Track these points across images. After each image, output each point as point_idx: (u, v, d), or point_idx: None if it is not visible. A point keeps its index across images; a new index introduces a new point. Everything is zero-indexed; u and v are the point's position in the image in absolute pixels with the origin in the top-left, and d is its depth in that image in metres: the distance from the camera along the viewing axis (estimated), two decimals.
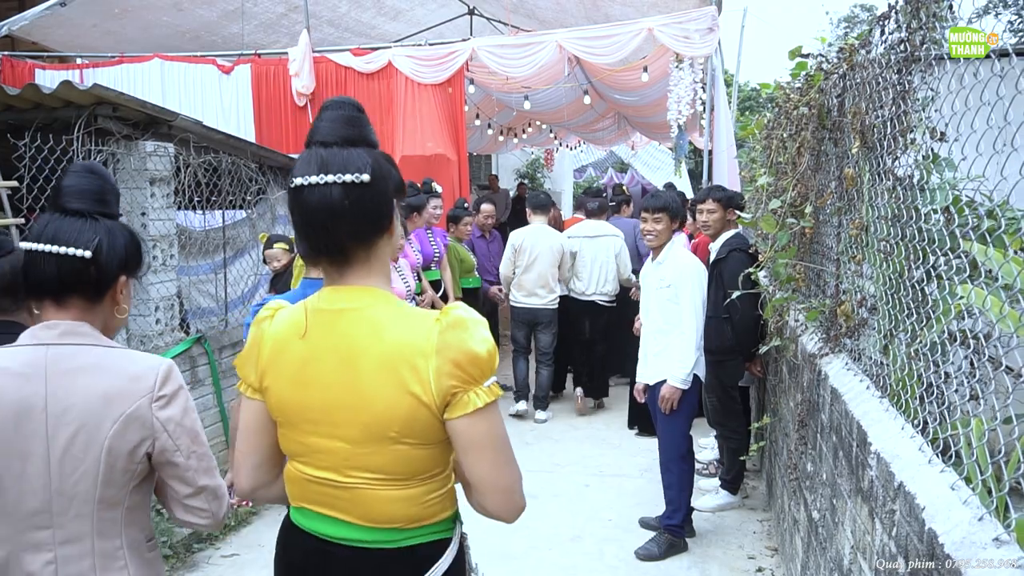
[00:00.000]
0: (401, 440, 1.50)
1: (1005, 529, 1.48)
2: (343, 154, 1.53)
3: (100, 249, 1.70)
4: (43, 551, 1.62)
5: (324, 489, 1.57)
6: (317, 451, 1.56)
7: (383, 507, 1.54)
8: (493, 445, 1.53)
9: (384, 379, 1.49)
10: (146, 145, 4.61)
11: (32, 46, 9.37)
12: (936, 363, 2.01)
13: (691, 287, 4.15)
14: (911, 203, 2.22)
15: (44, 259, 1.66)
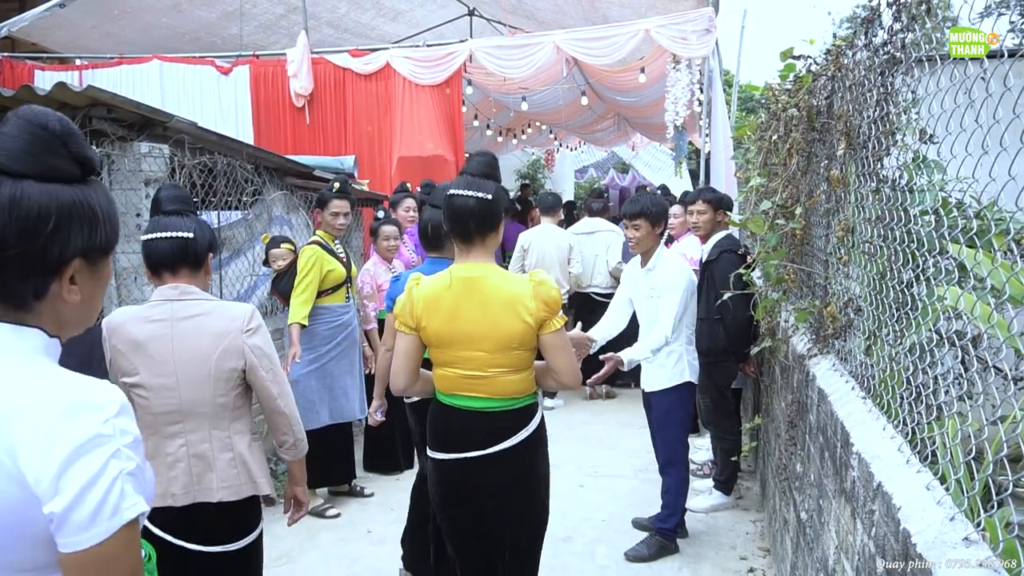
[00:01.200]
0: (517, 348, 2.60)
1: (975, 529, 1.49)
2: (480, 182, 2.61)
3: (196, 232, 2.58)
4: (177, 439, 2.53)
5: (469, 381, 2.64)
6: (465, 360, 2.62)
7: (506, 387, 2.64)
8: (565, 347, 2.68)
9: (507, 314, 2.57)
10: (141, 146, 4.62)
11: (32, 47, 9.41)
12: (916, 364, 2.02)
13: (674, 296, 4.04)
14: (893, 204, 2.23)
15: (161, 243, 2.54)
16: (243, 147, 5.59)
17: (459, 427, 2.67)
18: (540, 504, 2.86)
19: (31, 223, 1.14)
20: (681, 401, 4.19)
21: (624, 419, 6.62)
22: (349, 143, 8.54)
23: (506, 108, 11.84)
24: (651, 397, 4.28)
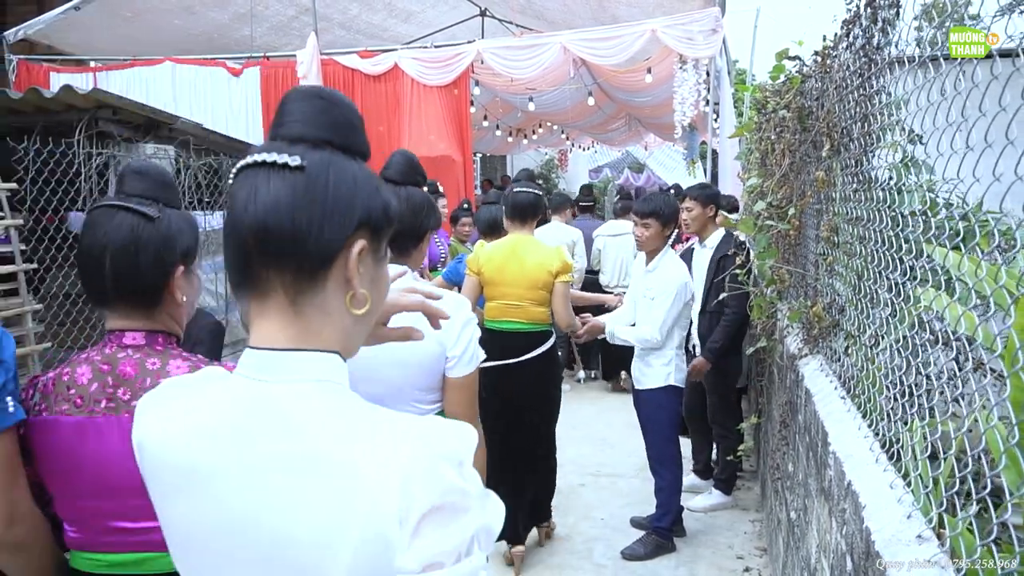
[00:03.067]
0: (542, 289, 3.99)
1: (927, 526, 1.51)
2: (533, 184, 4.23)
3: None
4: None
5: (509, 309, 4.03)
6: (508, 295, 4.02)
7: (534, 315, 4.03)
8: (564, 296, 4.05)
9: (538, 268, 3.97)
10: (147, 148, 4.71)
11: (48, 50, 9.54)
12: (887, 364, 2.04)
13: (665, 300, 4.06)
14: (870, 205, 2.24)
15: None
16: (248, 147, 5.65)
17: (500, 343, 3.93)
18: (552, 394, 4.25)
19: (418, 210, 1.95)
20: (666, 402, 4.21)
21: (627, 418, 6.60)
22: None
23: (515, 108, 11.88)
24: (639, 395, 4.31)
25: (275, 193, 0.95)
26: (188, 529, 0.99)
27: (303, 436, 0.92)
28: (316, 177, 0.97)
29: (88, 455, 1.50)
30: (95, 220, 1.56)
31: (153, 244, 1.55)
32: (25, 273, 3.94)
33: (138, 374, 1.54)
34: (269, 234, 0.94)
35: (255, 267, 0.96)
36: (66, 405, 1.52)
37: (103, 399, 1.52)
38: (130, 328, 1.58)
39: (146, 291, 1.57)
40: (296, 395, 0.94)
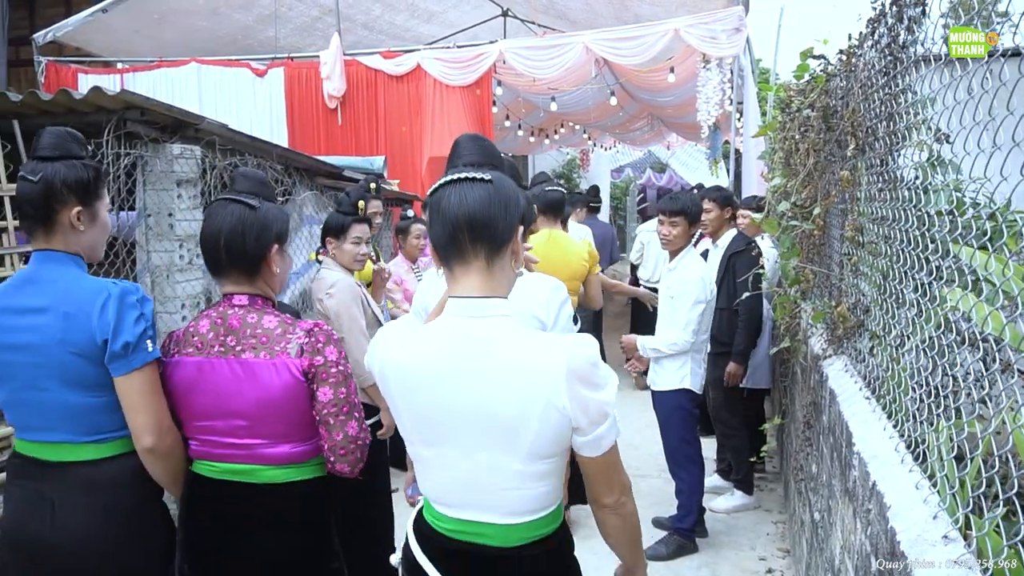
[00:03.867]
0: (579, 279, 4.26)
1: (954, 527, 1.50)
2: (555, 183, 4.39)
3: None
4: None
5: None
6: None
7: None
8: (596, 283, 4.45)
9: (577, 259, 4.29)
10: (173, 148, 4.75)
11: (76, 51, 9.68)
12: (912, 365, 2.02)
13: (689, 301, 4.06)
14: (895, 204, 2.23)
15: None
16: (273, 148, 5.71)
17: None
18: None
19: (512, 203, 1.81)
20: (680, 405, 4.20)
21: (649, 418, 6.56)
22: (380, 144, 8.66)
23: (537, 108, 11.88)
24: (655, 396, 4.32)
25: (477, 196, 1.54)
26: (428, 411, 1.59)
27: (499, 350, 1.54)
28: (497, 187, 1.57)
29: (205, 386, 2.02)
30: (214, 210, 2.08)
31: (255, 227, 2.05)
32: None
33: (241, 326, 2.04)
34: (476, 222, 1.53)
35: (464, 243, 1.55)
36: (191, 349, 2.05)
37: (216, 344, 2.03)
38: (237, 292, 2.09)
39: (250, 263, 2.07)
40: (492, 326, 1.56)
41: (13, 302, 1.99)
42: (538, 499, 1.61)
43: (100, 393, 1.98)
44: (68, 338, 1.93)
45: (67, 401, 1.96)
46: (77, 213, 2.04)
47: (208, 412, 2.02)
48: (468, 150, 1.90)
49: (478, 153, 1.88)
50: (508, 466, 1.56)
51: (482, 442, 1.56)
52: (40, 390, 1.97)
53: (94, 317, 1.93)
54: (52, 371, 1.95)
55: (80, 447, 1.99)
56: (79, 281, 2.01)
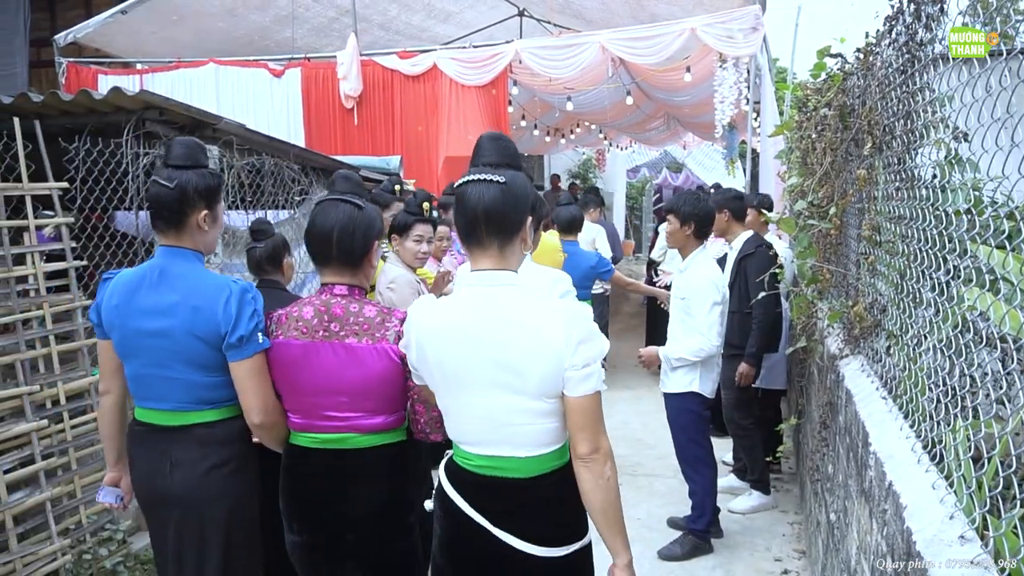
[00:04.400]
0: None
1: (970, 527, 1.49)
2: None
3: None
4: None
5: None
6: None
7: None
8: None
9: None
10: None
11: (96, 52, 9.78)
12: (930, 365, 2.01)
13: (705, 304, 4.01)
14: (912, 203, 2.21)
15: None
16: (290, 148, 5.74)
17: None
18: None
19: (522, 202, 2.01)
20: (689, 407, 4.18)
21: (664, 419, 6.59)
22: (396, 143, 8.69)
23: (553, 108, 11.89)
24: (665, 399, 4.31)
25: (492, 195, 1.90)
26: (455, 363, 1.95)
27: (511, 311, 1.91)
28: (510, 186, 1.91)
29: (308, 366, 2.27)
30: (325, 208, 2.30)
31: (362, 225, 2.31)
32: (75, 270, 4.05)
33: (344, 314, 2.28)
34: (491, 217, 1.90)
35: (481, 233, 1.93)
36: (295, 332, 2.29)
37: (320, 329, 2.27)
38: (339, 282, 2.32)
39: (355, 257, 2.32)
40: (505, 293, 1.93)
41: (149, 293, 2.33)
42: (547, 434, 1.96)
43: (217, 373, 2.34)
44: (195, 328, 2.27)
45: (189, 379, 2.33)
46: (204, 216, 2.37)
47: (313, 390, 2.28)
48: (488, 150, 2.03)
49: (497, 153, 2.02)
50: (521, 405, 1.91)
51: (499, 386, 1.91)
52: (165, 368, 2.33)
53: (219, 311, 2.26)
54: (179, 354, 2.31)
55: (197, 412, 2.36)
56: (205, 277, 2.34)
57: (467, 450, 2.01)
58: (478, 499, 1.97)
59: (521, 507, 1.96)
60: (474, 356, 1.92)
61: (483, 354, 1.91)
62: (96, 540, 3.83)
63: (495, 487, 1.96)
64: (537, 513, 1.97)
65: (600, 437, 1.92)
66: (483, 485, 1.97)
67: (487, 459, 1.97)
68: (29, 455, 3.57)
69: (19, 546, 3.43)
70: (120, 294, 2.36)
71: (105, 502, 2.66)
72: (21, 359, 3.65)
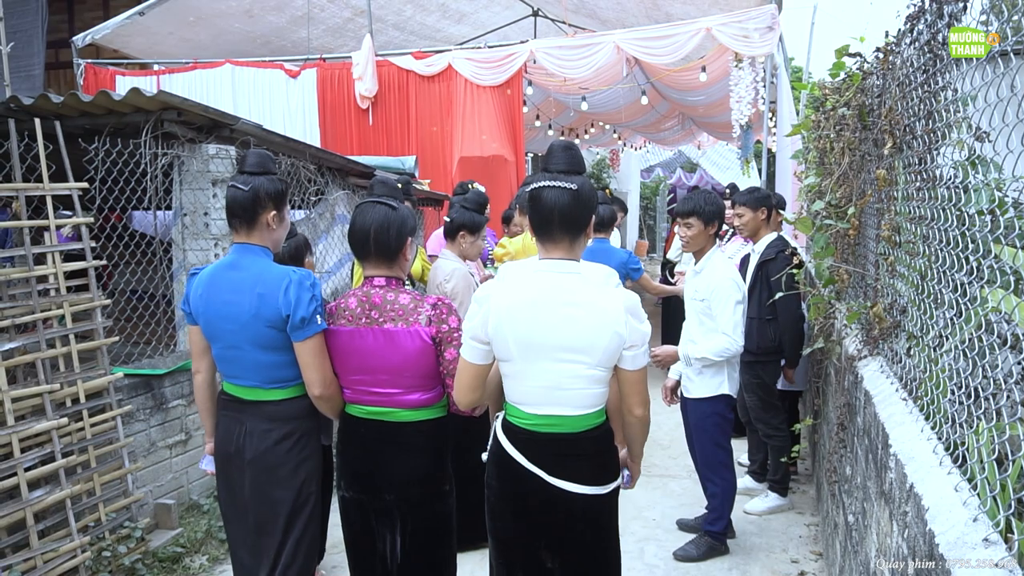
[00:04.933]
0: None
1: (994, 529, 1.48)
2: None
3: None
4: None
5: None
6: None
7: None
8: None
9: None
10: (209, 148, 4.83)
11: (113, 54, 9.85)
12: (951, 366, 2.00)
13: (727, 303, 3.96)
14: (934, 204, 2.20)
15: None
16: (306, 148, 5.76)
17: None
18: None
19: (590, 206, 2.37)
20: (717, 411, 4.12)
21: (679, 419, 6.55)
22: (411, 143, 8.70)
23: (567, 108, 11.88)
24: (689, 404, 4.24)
25: (566, 200, 2.26)
26: (527, 335, 2.28)
27: (575, 293, 2.28)
28: (580, 191, 2.29)
29: (355, 349, 2.62)
30: (364, 209, 2.65)
31: (396, 224, 2.63)
32: (94, 269, 4.08)
33: (382, 303, 2.60)
34: (564, 218, 2.27)
35: (554, 230, 2.29)
36: (343, 320, 2.63)
37: (363, 317, 2.61)
38: (378, 275, 2.65)
39: (390, 252, 2.64)
40: (571, 279, 2.30)
41: (224, 284, 2.68)
42: (595, 397, 2.36)
43: (282, 353, 2.65)
44: (260, 312, 2.60)
45: (258, 359, 2.67)
46: (273, 216, 2.72)
47: (359, 368, 2.63)
48: (560, 159, 2.36)
49: (567, 162, 2.35)
50: (580, 372, 2.29)
51: (565, 356, 2.28)
52: (239, 349, 2.67)
53: (279, 297, 2.58)
54: (248, 336, 2.64)
55: (266, 391, 2.72)
56: (269, 269, 2.66)
57: (524, 411, 2.37)
58: (533, 452, 2.35)
59: (569, 457, 2.35)
60: (545, 331, 2.27)
61: (552, 330, 2.27)
62: (115, 538, 3.86)
63: (548, 441, 2.35)
64: (583, 461, 2.37)
65: (647, 396, 2.41)
66: (537, 440, 2.35)
67: (543, 418, 2.35)
68: (49, 453, 3.60)
69: (40, 543, 3.47)
70: (203, 285, 2.73)
71: (208, 470, 3.00)
72: (42, 358, 3.68)
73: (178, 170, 4.82)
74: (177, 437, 4.50)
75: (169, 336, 5.08)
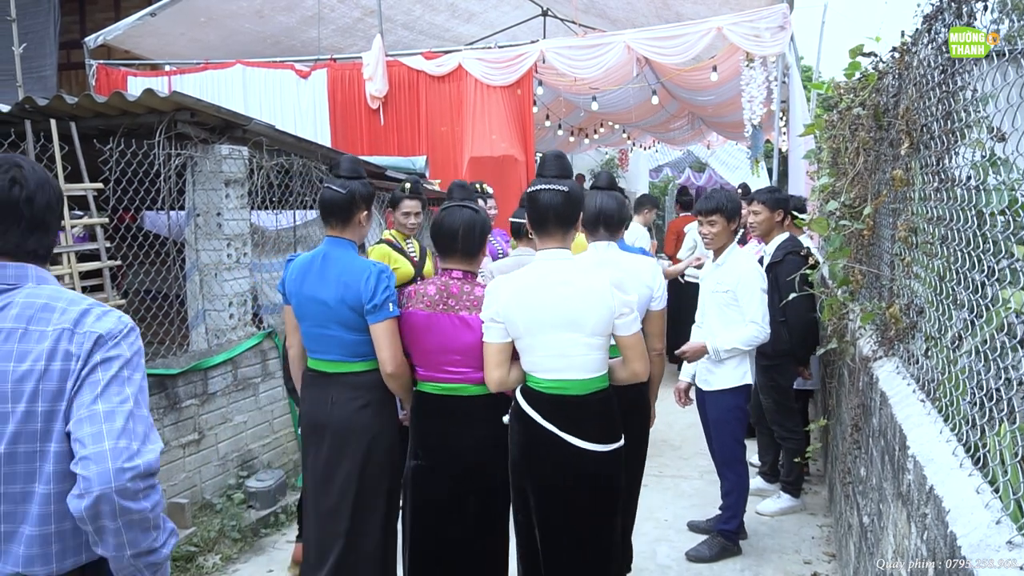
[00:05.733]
0: None
1: (1018, 532, 1.47)
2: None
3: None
4: None
5: None
6: None
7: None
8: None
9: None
10: (221, 148, 4.84)
11: (125, 55, 9.90)
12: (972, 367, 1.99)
13: (754, 292, 4.03)
14: (952, 204, 2.19)
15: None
16: (318, 148, 5.78)
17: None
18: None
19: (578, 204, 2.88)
20: (740, 402, 4.15)
21: (689, 419, 6.55)
22: (422, 143, 8.71)
23: (577, 108, 11.87)
24: (708, 397, 4.23)
25: (559, 200, 2.71)
26: (533, 313, 2.68)
27: (569, 275, 2.72)
28: (570, 192, 2.74)
29: (431, 331, 2.95)
30: (451, 212, 2.99)
31: (479, 225, 3.00)
32: (108, 269, 4.10)
33: (459, 293, 2.95)
34: (558, 215, 2.72)
35: (550, 225, 2.73)
36: (421, 305, 2.97)
37: (440, 303, 2.95)
38: (456, 268, 3.01)
39: (472, 250, 3.01)
40: (563, 263, 2.75)
41: (316, 271, 3.09)
42: (596, 362, 2.75)
43: (363, 333, 3.04)
44: (345, 298, 3.00)
45: (342, 337, 3.06)
46: (364, 215, 3.17)
47: (435, 349, 2.96)
48: (552, 166, 2.82)
49: (558, 168, 2.82)
50: (580, 341, 2.69)
51: (564, 328, 2.69)
52: (326, 328, 3.08)
53: (361, 285, 2.97)
54: (334, 317, 3.04)
55: (349, 363, 3.11)
56: (355, 261, 3.07)
57: (539, 377, 2.75)
58: (548, 412, 2.72)
59: (579, 416, 2.72)
60: (548, 309, 2.69)
61: (554, 307, 2.68)
62: None
63: (560, 402, 2.72)
64: (590, 420, 2.73)
65: (645, 360, 2.82)
66: (551, 401, 2.73)
67: (554, 382, 2.73)
68: None
69: None
70: (297, 271, 3.15)
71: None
72: None
73: (191, 170, 4.83)
74: (190, 437, 4.52)
75: (183, 336, 5.10)
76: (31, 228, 1.68)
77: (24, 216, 1.66)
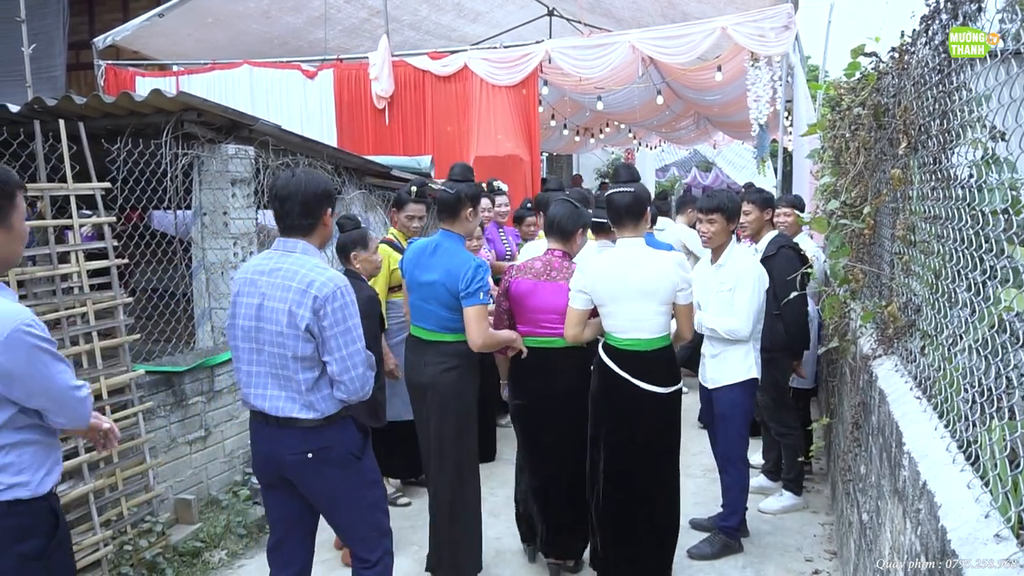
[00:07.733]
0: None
1: (1006, 525, 1.50)
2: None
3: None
4: None
5: None
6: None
7: None
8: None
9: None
10: (228, 148, 4.88)
11: (134, 55, 9.96)
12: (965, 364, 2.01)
13: (748, 290, 4.06)
14: (948, 203, 2.21)
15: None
16: (323, 148, 5.82)
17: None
18: None
19: (645, 201, 3.72)
20: (747, 396, 4.17)
21: (690, 418, 6.59)
22: (427, 143, 8.75)
23: (583, 107, 11.89)
24: (715, 393, 4.25)
25: (627, 199, 3.58)
26: (614, 286, 3.49)
27: (643, 257, 3.54)
28: (637, 193, 3.61)
29: (535, 295, 3.78)
30: (558, 203, 3.90)
31: (575, 216, 3.85)
32: (116, 267, 4.14)
33: (560, 267, 3.78)
34: (630, 210, 3.56)
35: (624, 219, 3.57)
36: (529, 275, 3.81)
37: (544, 274, 3.79)
38: (558, 248, 3.84)
39: (569, 233, 3.85)
40: (638, 248, 3.58)
41: (428, 256, 3.73)
42: (662, 325, 3.52)
43: (455, 312, 3.65)
44: (447, 282, 3.60)
45: (440, 313, 3.70)
46: (470, 212, 3.76)
47: (537, 309, 3.78)
48: (623, 174, 3.67)
49: (627, 175, 3.65)
50: (651, 308, 3.46)
51: (641, 298, 3.45)
52: (428, 304, 3.72)
53: (460, 274, 3.56)
54: (436, 296, 3.67)
55: (442, 334, 3.75)
56: (460, 252, 3.68)
57: (617, 336, 3.52)
58: (623, 363, 3.50)
59: (646, 367, 3.49)
60: (625, 283, 3.44)
61: (630, 281, 3.44)
62: (136, 532, 3.92)
63: (632, 355, 3.49)
64: (655, 370, 3.50)
65: (692, 325, 3.67)
66: (626, 355, 3.50)
67: (629, 340, 3.49)
68: (73, 448, 3.66)
69: None
70: (414, 252, 3.84)
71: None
72: (65, 354, 3.74)
73: (198, 170, 4.88)
74: (197, 433, 4.57)
75: (189, 334, 5.14)
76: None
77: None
